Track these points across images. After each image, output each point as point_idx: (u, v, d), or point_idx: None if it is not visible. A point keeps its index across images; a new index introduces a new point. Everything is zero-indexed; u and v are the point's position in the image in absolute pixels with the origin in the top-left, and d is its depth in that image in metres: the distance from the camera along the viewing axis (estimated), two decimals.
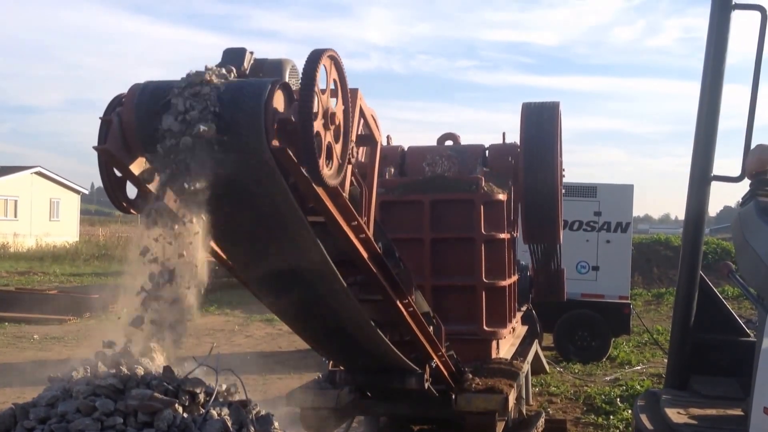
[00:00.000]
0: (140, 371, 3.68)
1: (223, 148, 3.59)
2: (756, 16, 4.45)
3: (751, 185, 3.91)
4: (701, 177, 4.44)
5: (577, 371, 14.17)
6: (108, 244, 41.73)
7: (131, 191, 4.10)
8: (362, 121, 4.64)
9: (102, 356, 3.82)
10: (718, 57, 4.39)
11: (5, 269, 31.76)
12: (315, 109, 3.56)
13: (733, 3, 4.37)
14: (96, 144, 3.86)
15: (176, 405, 3.56)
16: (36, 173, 47.73)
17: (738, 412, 4.51)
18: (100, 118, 3.85)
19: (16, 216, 46.03)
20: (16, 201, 46.24)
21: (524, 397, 9.10)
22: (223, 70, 3.76)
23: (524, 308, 11.08)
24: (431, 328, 5.98)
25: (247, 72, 3.98)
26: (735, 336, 5.07)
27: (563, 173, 9.25)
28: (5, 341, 15.90)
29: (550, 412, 10.93)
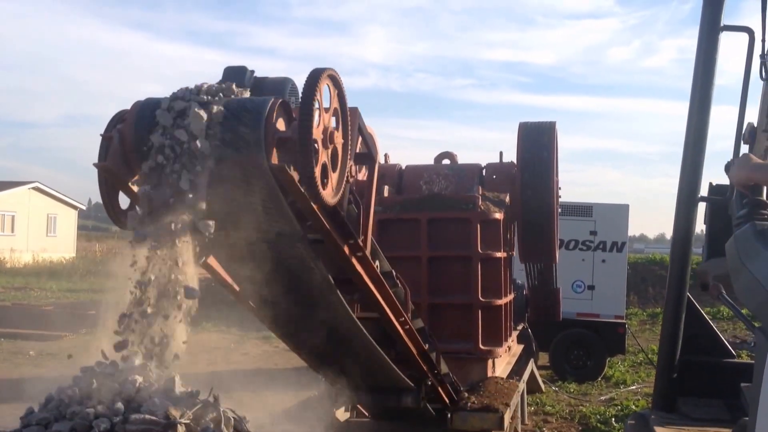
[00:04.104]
0: (140, 393, 3.63)
1: (222, 164, 3.62)
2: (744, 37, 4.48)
3: (746, 204, 3.89)
4: (689, 198, 4.44)
5: (572, 390, 14.16)
6: (105, 260, 41.60)
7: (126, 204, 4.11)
8: (360, 139, 4.68)
9: (94, 374, 3.76)
10: (706, 77, 4.41)
11: (1, 285, 31.65)
12: (314, 128, 3.60)
13: (722, 24, 4.40)
14: (96, 161, 3.89)
15: (177, 429, 3.52)
16: (33, 188, 47.71)
17: None
18: (101, 135, 3.88)
19: (13, 231, 45.98)
20: (13, 216, 46.20)
21: (520, 416, 9.11)
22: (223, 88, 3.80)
23: (520, 327, 11.10)
24: (427, 346, 6.00)
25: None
26: (721, 357, 5.07)
27: (559, 192, 9.30)
28: (1, 357, 15.86)
29: (545, 431, 10.93)
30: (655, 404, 4.68)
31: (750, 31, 4.37)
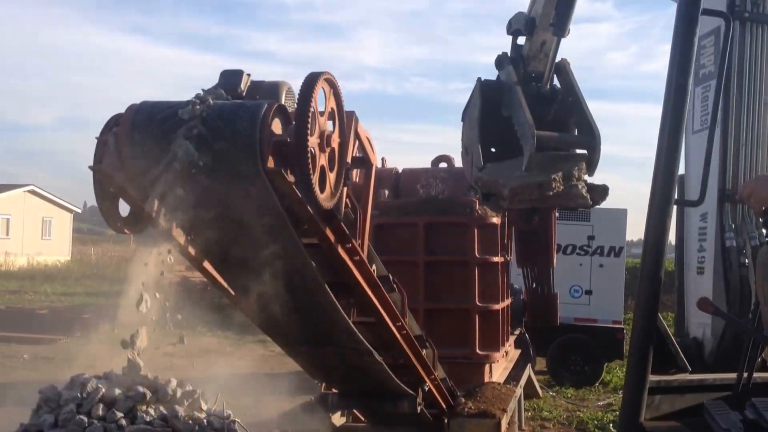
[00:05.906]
0: (139, 402, 3.59)
1: (218, 169, 3.59)
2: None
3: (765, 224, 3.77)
4: (663, 200, 4.06)
5: (569, 396, 14.12)
6: (100, 264, 41.54)
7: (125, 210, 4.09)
8: (357, 143, 4.66)
9: (89, 382, 3.72)
10: (682, 68, 4.02)
11: None
12: (311, 131, 3.57)
13: (702, 8, 4.04)
14: (92, 164, 3.85)
15: None
16: (29, 191, 47.63)
17: None
18: (96, 137, 3.85)
19: (8, 234, 45.87)
20: (8, 219, 46.11)
21: (517, 421, 9.07)
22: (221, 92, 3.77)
23: (517, 332, 11.06)
24: (424, 351, 5.97)
25: (244, 94, 3.98)
26: (678, 373, 4.93)
27: None
28: None
29: None
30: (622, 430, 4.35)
31: (726, 17, 4.18)
